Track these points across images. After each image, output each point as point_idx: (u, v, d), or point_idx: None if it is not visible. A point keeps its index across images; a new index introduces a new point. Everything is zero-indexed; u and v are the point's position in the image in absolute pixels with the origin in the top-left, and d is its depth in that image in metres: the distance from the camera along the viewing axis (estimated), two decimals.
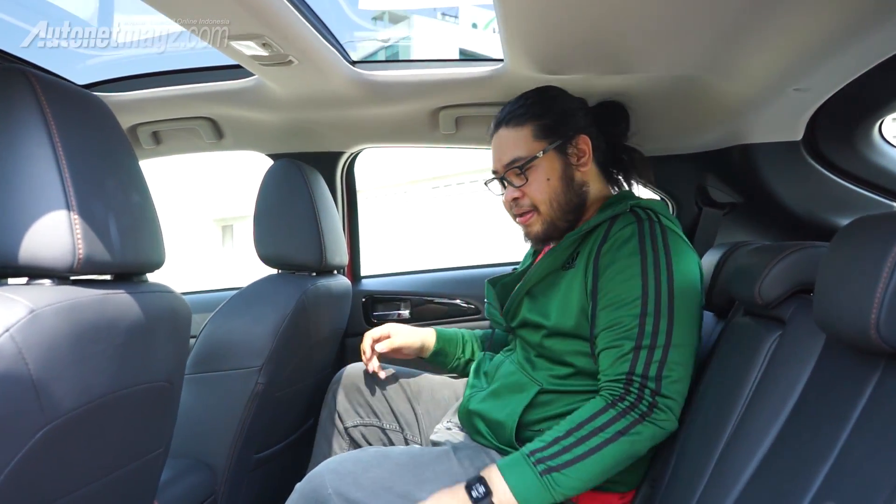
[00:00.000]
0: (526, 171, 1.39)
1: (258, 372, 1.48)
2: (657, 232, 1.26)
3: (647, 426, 1.16)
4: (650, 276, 1.22)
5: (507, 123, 1.43)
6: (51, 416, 0.78)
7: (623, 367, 1.20)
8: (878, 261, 0.74)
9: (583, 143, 1.41)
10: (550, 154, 1.39)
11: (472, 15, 19.82)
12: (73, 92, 0.89)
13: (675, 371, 1.19)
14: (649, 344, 1.19)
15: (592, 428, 1.16)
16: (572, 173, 1.40)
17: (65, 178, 0.82)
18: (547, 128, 1.40)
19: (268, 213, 1.66)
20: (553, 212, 1.40)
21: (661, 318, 1.20)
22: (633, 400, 1.17)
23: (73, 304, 0.80)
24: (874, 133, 1.60)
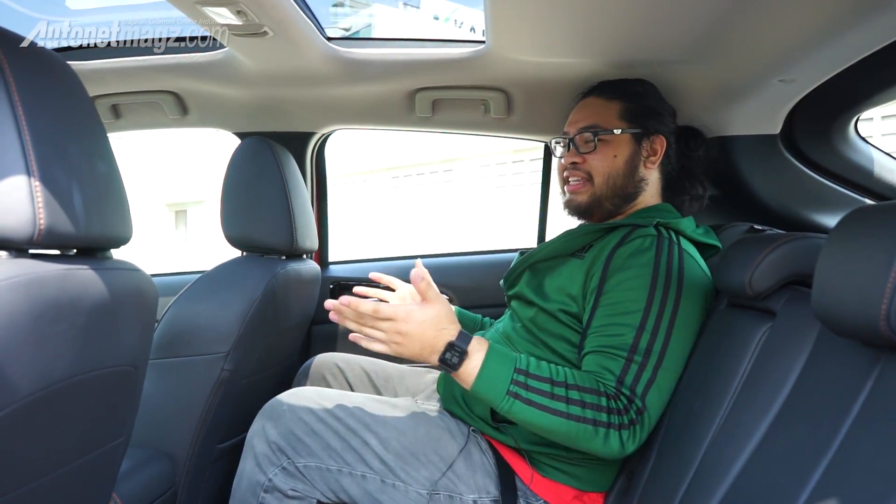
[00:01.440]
0: (598, 139, 1.40)
1: (224, 358, 1.41)
2: (675, 253, 1.25)
3: (615, 437, 1.12)
4: (658, 293, 1.20)
5: (599, 93, 1.46)
6: (5, 402, 0.71)
7: (613, 372, 1.16)
8: (887, 251, 0.72)
9: (658, 143, 1.43)
10: (627, 136, 1.41)
11: (434, 6, 19.73)
12: (35, 49, 0.82)
13: (657, 395, 1.16)
14: (641, 361, 1.16)
15: (580, 399, 1.11)
16: (638, 163, 1.42)
17: (24, 139, 0.74)
18: (635, 112, 1.42)
19: (236, 192, 1.59)
20: (606, 189, 1.41)
21: (657, 338, 1.17)
22: (622, 407, 1.14)
23: (33, 278, 0.73)
24: (850, 129, 1.61)
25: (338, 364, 1.67)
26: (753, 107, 1.52)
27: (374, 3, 19.06)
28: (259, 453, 1.26)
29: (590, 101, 1.46)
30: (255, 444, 1.27)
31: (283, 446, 1.25)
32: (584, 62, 1.46)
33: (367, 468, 1.24)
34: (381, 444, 1.25)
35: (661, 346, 1.17)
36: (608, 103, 1.43)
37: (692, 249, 1.32)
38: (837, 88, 1.37)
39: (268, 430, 1.26)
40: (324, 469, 1.24)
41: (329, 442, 1.25)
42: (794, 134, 1.61)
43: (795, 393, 0.91)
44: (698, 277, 1.26)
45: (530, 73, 1.57)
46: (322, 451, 1.24)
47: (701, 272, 1.28)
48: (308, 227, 1.69)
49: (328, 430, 1.26)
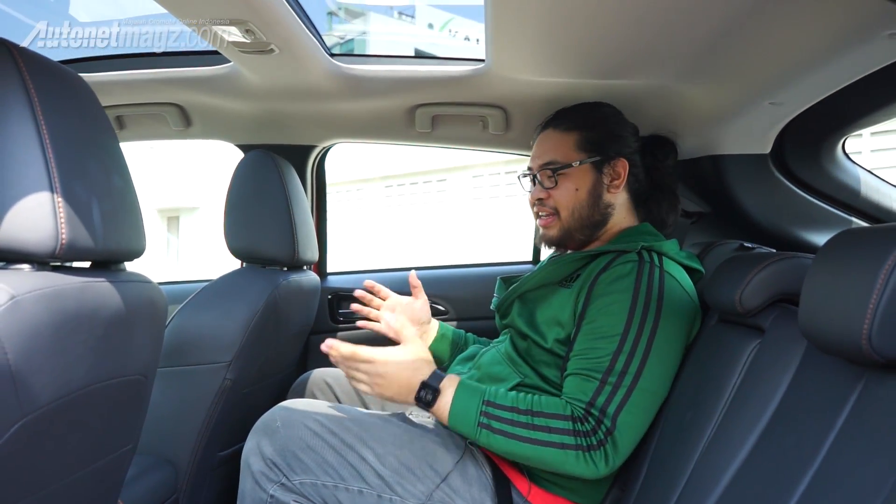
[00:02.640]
0: (558, 175, 1.42)
1: (226, 367, 1.44)
2: (656, 276, 1.27)
3: (585, 459, 1.15)
4: (637, 317, 1.22)
5: (556, 125, 1.47)
6: (28, 409, 0.74)
7: (586, 394, 1.20)
8: (870, 273, 0.76)
9: (620, 167, 1.43)
10: (586, 167, 1.42)
11: (429, 15, 19.82)
12: (57, 68, 0.85)
13: (632, 415, 1.18)
14: (615, 381, 1.18)
15: (546, 425, 1.16)
16: (601, 191, 1.43)
17: (49, 158, 0.78)
18: (591, 141, 1.43)
19: (240, 204, 1.62)
20: (573, 221, 1.43)
21: (633, 359, 1.19)
22: (589, 430, 1.17)
23: (55, 291, 0.76)
24: (838, 150, 1.65)
25: (326, 380, 1.68)
26: (744, 127, 1.56)
27: (369, 13, 19.14)
28: (256, 471, 1.25)
29: (547, 135, 1.48)
30: (251, 463, 1.26)
31: (278, 463, 1.24)
32: (581, 82, 1.50)
33: (364, 483, 1.24)
34: (377, 459, 1.25)
35: (637, 367, 1.19)
36: (565, 135, 1.45)
37: (677, 270, 1.33)
38: (825, 111, 1.41)
39: (263, 448, 1.25)
40: (319, 485, 1.23)
41: (325, 457, 1.24)
42: (784, 154, 1.65)
43: (783, 407, 0.94)
44: (680, 299, 1.28)
45: (528, 92, 1.61)
46: (317, 468, 1.24)
47: (683, 294, 1.29)
48: (309, 239, 1.73)
49: (324, 446, 1.25)
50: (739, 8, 1.03)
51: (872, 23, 0.97)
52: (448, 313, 2.16)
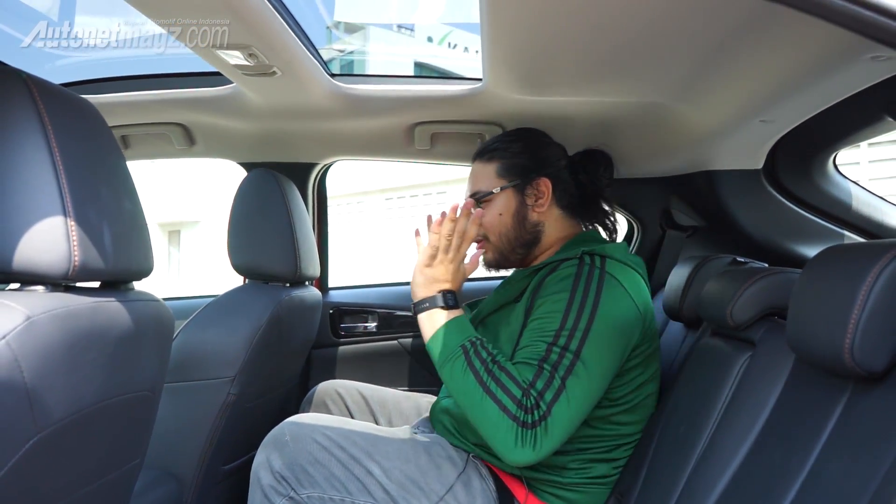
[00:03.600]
0: (482, 203, 1.48)
1: (230, 382, 1.46)
2: (594, 276, 1.29)
3: (517, 434, 1.15)
4: (572, 314, 1.25)
5: (480, 157, 1.53)
6: (42, 426, 0.76)
7: (528, 374, 1.21)
8: (852, 289, 0.79)
9: (543, 186, 1.47)
10: (507, 192, 1.47)
11: (428, 29, 19.88)
12: (69, 96, 0.88)
13: (565, 406, 1.18)
14: (550, 370, 1.20)
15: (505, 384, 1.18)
16: (526, 213, 1.47)
17: (62, 183, 0.81)
18: (511, 167, 1.48)
19: (243, 222, 1.65)
20: (502, 244, 1.48)
21: (567, 353, 1.21)
22: (529, 406, 1.18)
23: (68, 311, 0.79)
24: (829, 165, 1.69)
25: (338, 390, 1.72)
26: (737, 144, 1.59)
27: (368, 27, 19.23)
28: (265, 485, 1.28)
29: (473, 168, 1.54)
30: (260, 477, 1.29)
31: (287, 476, 1.27)
32: (576, 100, 1.54)
33: (370, 497, 1.27)
34: (383, 473, 1.28)
35: (571, 361, 1.20)
36: (487, 165, 1.50)
37: (622, 272, 1.33)
38: (816, 128, 1.44)
39: (272, 461, 1.29)
40: (326, 499, 1.26)
41: (332, 471, 1.27)
42: (777, 169, 1.69)
43: (772, 419, 0.97)
44: (619, 300, 1.29)
45: (525, 110, 1.64)
46: (325, 482, 1.27)
47: (623, 295, 1.30)
48: (311, 255, 1.76)
49: (332, 459, 1.28)
50: (728, 31, 1.06)
51: (855, 46, 1.00)
52: None
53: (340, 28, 20.07)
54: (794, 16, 0.69)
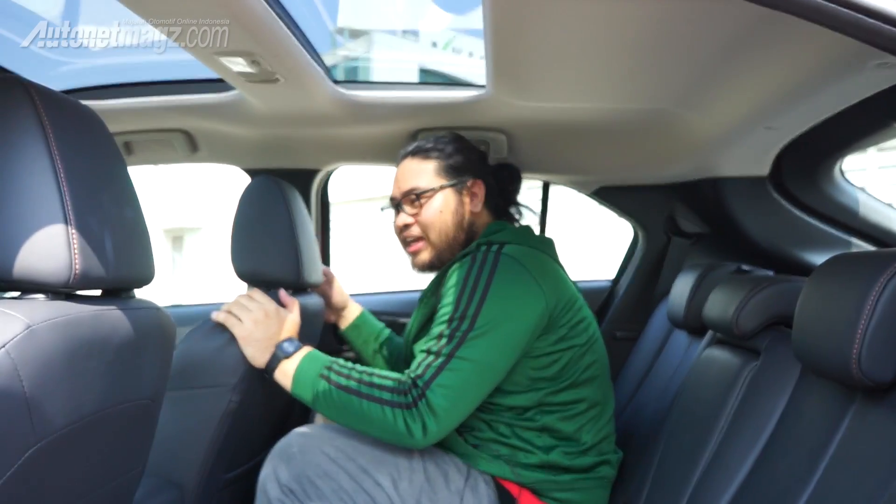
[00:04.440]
0: (421, 199, 1.50)
1: (232, 390, 1.45)
2: (489, 260, 1.33)
3: (399, 417, 1.22)
4: (464, 297, 1.29)
5: (414, 155, 1.56)
6: (41, 435, 0.76)
7: (413, 365, 1.28)
8: (859, 298, 0.78)
9: (476, 188, 1.54)
10: (447, 191, 1.51)
11: (432, 34, 19.89)
12: (71, 104, 0.88)
13: (447, 381, 1.23)
14: (436, 351, 1.26)
15: (376, 382, 1.27)
16: (463, 212, 1.52)
17: (63, 191, 0.80)
18: (450, 168, 1.53)
19: (246, 228, 1.64)
20: (441, 243, 1.51)
21: (457, 332, 1.26)
22: (405, 389, 1.24)
23: (69, 319, 0.79)
24: (836, 172, 1.68)
25: None
26: (742, 151, 1.59)
27: (372, 32, 19.28)
28: (273, 498, 1.28)
29: (407, 164, 1.57)
30: (268, 489, 1.30)
31: (294, 489, 1.27)
32: (581, 106, 1.53)
33: None
34: (392, 484, 1.29)
35: (460, 338, 1.25)
36: (423, 163, 1.54)
37: (523, 253, 1.36)
38: (822, 135, 1.44)
39: (279, 473, 1.29)
40: None
41: (341, 483, 1.28)
42: (782, 176, 1.68)
43: (778, 430, 0.96)
44: (516, 276, 1.31)
45: (529, 117, 1.64)
46: (333, 494, 1.27)
47: (521, 271, 1.33)
48: (313, 261, 1.75)
49: (340, 472, 1.29)
50: (734, 38, 1.06)
51: (862, 54, 1.00)
52: None
53: (344, 33, 20.05)
54: (799, 24, 0.69)
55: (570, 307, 1.37)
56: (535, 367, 1.34)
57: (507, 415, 1.36)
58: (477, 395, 1.27)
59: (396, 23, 15.79)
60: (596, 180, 2.11)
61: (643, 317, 2.11)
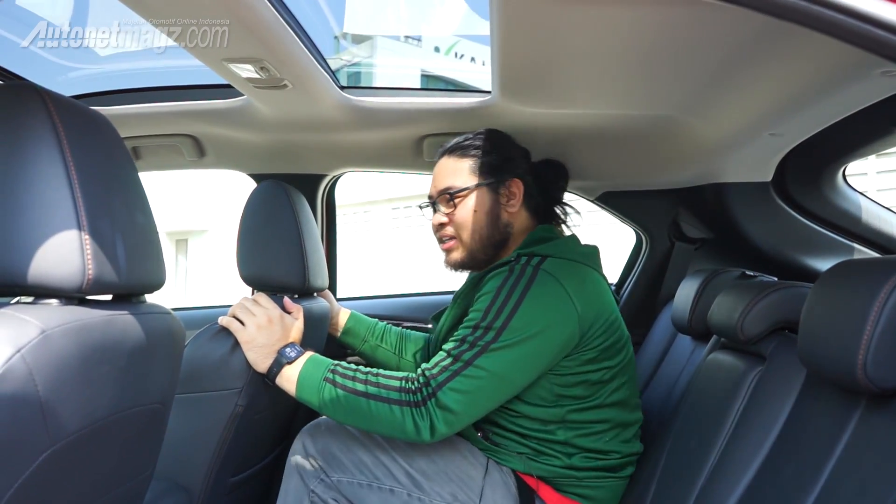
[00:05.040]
0: (455, 199, 1.49)
1: (238, 394, 1.46)
2: (527, 272, 1.32)
3: (407, 414, 1.23)
4: (494, 307, 1.28)
5: (451, 153, 1.54)
6: (55, 439, 0.77)
7: (430, 363, 1.29)
8: (865, 304, 0.79)
9: (514, 187, 1.50)
10: (482, 189, 1.49)
11: (435, 39, 19.92)
12: (84, 110, 0.89)
13: (461, 386, 1.23)
14: (455, 355, 1.26)
15: (382, 382, 1.28)
16: (499, 211, 1.49)
17: (76, 197, 0.81)
18: (486, 165, 1.50)
19: (252, 233, 1.65)
20: (474, 242, 1.49)
21: (479, 342, 1.25)
22: (414, 388, 1.26)
23: (83, 324, 0.80)
24: (839, 178, 1.69)
25: None
26: (746, 156, 1.59)
27: (375, 37, 19.31)
28: (301, 468, 1.37)
29: (443, 164, 1.56)
30: (296, 462, 1.38)
31: (319, 461, 1.36)
32: (586, 113, 1.54)
33: (396, 482, 1.33)
34: (406, 459, 1.34)
35: (482, 346, 1.25)
36: (459, 162, 1.52)
37: (563, 268, 1.34)
38: (825, 141, 1.44)
39: (307, 446, 1.38)
40: (355, 483, 1.33)
41: (361, 457, 1.35)
42: (786, 182, 1.69)
43: (783, 435, 0.97)
44: (549, 294, 1.29)
45: (534, 122, 1.64)
46: (353, 467, 1.34)
47: (557, 288, 1.29)
48: (319, 266, 1.76)
49: (360, 446, 1.36)
50: (738, 45, 1.07)
51: (866, 62, 1.01)
52: None
53: (348, 38, 20.15)
54: (805, 33, 0.69)
55: (605, 329, 1.34)
56: (560, 384, 1.33)
57: (529, 423, 1.36)
58: (488, 404, 1.27)
59: (400, 28, 15.83)
60: (600, 185, 2.11)
61: (647, 322, 2.11)
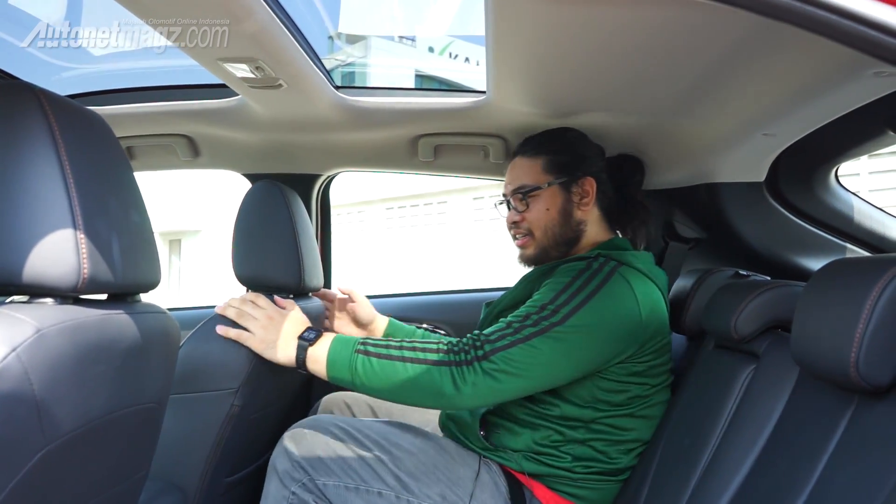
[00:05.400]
0: (528, 198, 1.49)
1: (234, 394, 1.46)
2: (604, 270, 1.32)
3: (445, 375, 1.21)
4: (565, 293, 1.27)
5: (524, 153, 1.55)
6: (50, 438, 0.77)
7: (488, 329, 1.27)
8: (857, 303, 0.79)
9: (588, 185, 1.50)
10: (554, 188, 1.49)
11: (429, 39, 19.96)
12: (79, 109, 0.89)
13: (514, 359, 1.21)
14: (516, 327, 1.24)
15: (420, 346, 1.27)
16: (572, 210, 1.49)
17: (72, 196, 0.81)
18: (558, 164, 1.50)
19: (247, 233, 1.65)
20: (547, 240, 1.49)
21: (542, 322, 1.24)
22: (463, 348, 1.24)
23: (78, 324, 0.80)
24: (831, 178, 1.70)
25: (346, 401, 1.75)
26: (739, 156, 1.60)
27: (369, 37, 19.31)
28: (282, 471, 1.33)
29: (517, 163, 1.56)
30: (277, 464, 1.35)
31: (304, 465, 1.32)
32: (581, 114, 1.55)
33: (383, 485, 1.31)
34: (393, 462, 1.32)
35: (542, 328, 1.23)
36: (532, 161, 1.53)
37: (637, 279, 1.34)
38: (818, 142, 1.45)
39: (290, 451, 1.35)
40: (342, 487, 1.31)
41: (347, 461, 1.33)
42: (779, 181, 1.69)
43: (777, 432, 0.98)
44: (622, 300, 1.29)
45: (528, 122, 1.65)
46: (340, 470, 1.32)
47: (630, 298, 1.30)
48: (314, 266, 1.76)
49: (346, 449, 1.34)
50: (732, 46, 1.07)
51: (859, 62, 1.01)
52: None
53: (342, 38, 20.15)
54: (797, 32, 0.70)
55: (658, 348, 1.35)
56: (603, 389, 1.33)
57: (555, 423, 1.35)
58: (531, 384, 1.25)
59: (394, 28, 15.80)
60: None
61: None
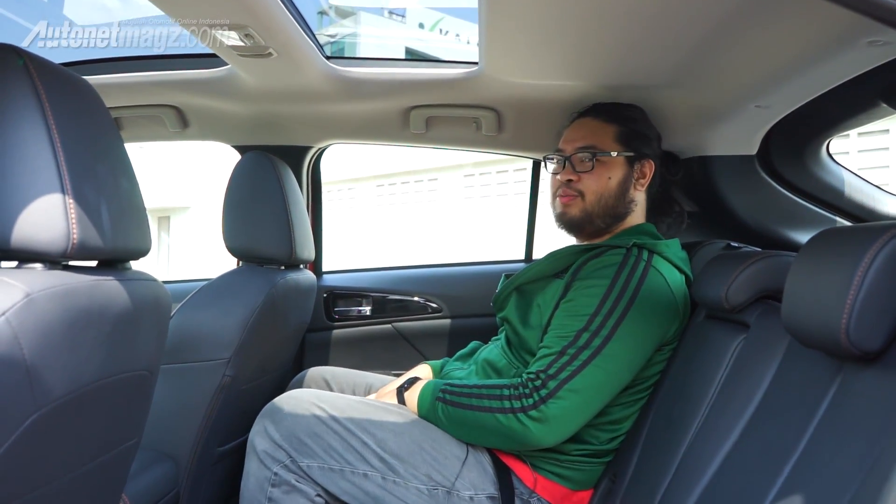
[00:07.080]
0: (595, 160, 1.47)
1: (226, 364, 1.46)
2: (639, 269, 1.32)
3: (512, 419, 1.25)
4: (609, 301, 1.28)
5: (596, 115, 1.53)
6: (41, 403, 0.76)
7: (542, 364, 1.27)
8: (849, 269, 0.79)
9: (647, 167, 1.51)
10: (621, 159, 1.49)
11: (419, 15, 19.77)
12: (66, 74, 0.88)
13: (578, 389, 1.23)
14: (573, 354, 1.25)
15: (488, 394, 1.30)
16: (629, 186, 1.50)
17: (60, 161, 0.80)
18: (629, 136, 1.50)
19: (238, 205, 1.64)
20: (597, 207, 1.48)
21: (595, 338, 1.25)
22: (525, 393, 1.25)
23: (67, 289, 0.79)
24: (823, 152, 1.70)
25: (324, 377, 1.73)
26: (732, 129, 1.60)
27: (359, 12, 19.09)
28: (261, 451, 1.30)
29: (586, 122, 1.53)
30: (256, 444, 1.31)
31: (284, 446, 1.29)
32: (573, 84, 1.53)
33: (369, 467, 1.30)
34: (377, 444, 1.31)
35: (597, 346, 1.25)
36: (605, 125, 1.50)
37: (667, 269, 1.37)
38: (810, 114, 1.45)
39: (270, 430, 1.31)
40: (326, 469, 1.29)
41: (330, 443, 1.30)
42: (771, 155, 1.69)
43: (766, 399, 0.98)
44: (660, 295, 1.32)
45: (521, 94, 1.64)
46: (323, 452, 1.29)
47: (666, 290, 1.33)
48: (305, 238, 1.75)
49: (328, 431, 1.31)
50: (725, 14, 1.07)
51: (853, 30, 1.01)
52: (442, 311, 2.20)
53: (333, 11, 19.89)
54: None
55: (672, 339, 1.38)
56: None
57: None
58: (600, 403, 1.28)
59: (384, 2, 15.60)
60: None
61: None
